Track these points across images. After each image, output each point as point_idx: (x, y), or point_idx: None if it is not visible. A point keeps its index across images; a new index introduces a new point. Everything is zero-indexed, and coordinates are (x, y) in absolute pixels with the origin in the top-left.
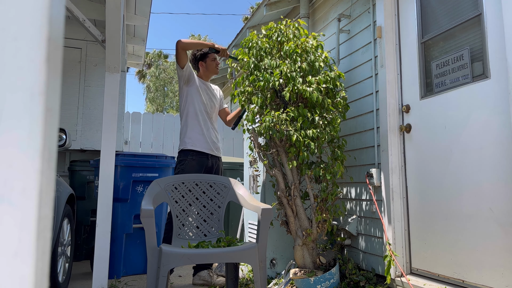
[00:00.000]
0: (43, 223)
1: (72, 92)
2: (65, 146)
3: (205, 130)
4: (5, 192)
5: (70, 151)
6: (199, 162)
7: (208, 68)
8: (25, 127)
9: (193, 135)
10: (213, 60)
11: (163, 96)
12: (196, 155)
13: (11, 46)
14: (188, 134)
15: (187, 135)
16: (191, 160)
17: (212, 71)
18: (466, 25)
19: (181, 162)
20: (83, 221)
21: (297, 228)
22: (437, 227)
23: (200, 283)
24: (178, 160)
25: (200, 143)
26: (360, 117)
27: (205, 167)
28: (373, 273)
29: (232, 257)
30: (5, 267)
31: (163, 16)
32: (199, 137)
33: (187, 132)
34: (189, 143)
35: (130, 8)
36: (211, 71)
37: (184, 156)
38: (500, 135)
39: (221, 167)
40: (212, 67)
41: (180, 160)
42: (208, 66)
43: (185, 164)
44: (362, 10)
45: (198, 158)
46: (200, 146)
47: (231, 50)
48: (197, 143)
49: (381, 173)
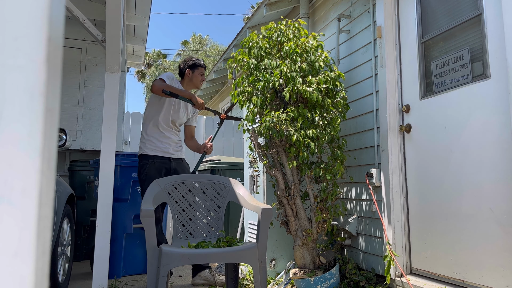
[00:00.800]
0: (43, 223)
1: (72, 92)
2: (65, 146)
3: (165, 137)
4: (5, 192)
5: (70, 151)
6: (160, 165)
7: (193, 80)
8: (25, 127)
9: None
10: (201, 75)
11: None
12: (158, 159)
13: (11, 46)
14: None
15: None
16: (152, 163)
17: (195, 84)
18: (466, 25)
19: (143, 166)
20: (83, 221)
21: (297, 228)
22: (437, 227)
23: (201, 283)
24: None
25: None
26: (360, 117)
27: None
28: (373, 273)
29: (232, 257)
30: (5, 267)
31: (163, 16)
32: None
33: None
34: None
35: (130, 8)
36: (194, 84)
37: (145, 160)
38: (500, 135)
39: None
40: (197, 80)
41: (143, 165)
42: (193, 78)
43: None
44: (362, 10)
45: (159, 161)
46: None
47: (231, 50)
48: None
49: (381, 173)
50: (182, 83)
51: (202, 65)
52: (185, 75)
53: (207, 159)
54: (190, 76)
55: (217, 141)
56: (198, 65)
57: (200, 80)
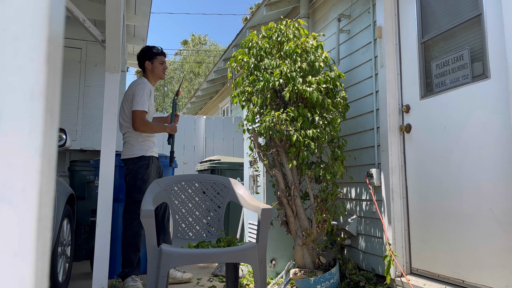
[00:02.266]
0: (43, 223)
1: (72, 92)
2: (65, 146)
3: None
4: (5, 192)
5: (70, 151)
6: (156, 165)
7: (154, 71)
8: (25, 127)
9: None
10: (161, 64)
11: (163, 96)
12: (155, 159)
13: (11, 46)
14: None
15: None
16: (151, 164)
17: (158, 75)
18: (466, 25)
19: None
20: (83, 221)
21: (297, 228)
22: (437, 227)
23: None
24: (140, 164)
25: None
26: (360, 117)
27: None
28: (373, 273)
29: (232, 257)
30: (5, 267)
31: (163, 16)
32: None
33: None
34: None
35: (130, 8)
36: (156, 75)
37: (145, 160)
38: (500, 135)
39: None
40: (159, 71)
41: (142, 165)
42: (154, 69)
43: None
44: (362, 10)
45: (156, 161)
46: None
47: (231, 50)
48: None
49: (381, 173)
50: (146, 77)
51: (160, 52)
52: (146, 68)
53: (207, 159)
54: (150, 68)
55: (217, 141)
56: (155, 53)
57: (162, 70)
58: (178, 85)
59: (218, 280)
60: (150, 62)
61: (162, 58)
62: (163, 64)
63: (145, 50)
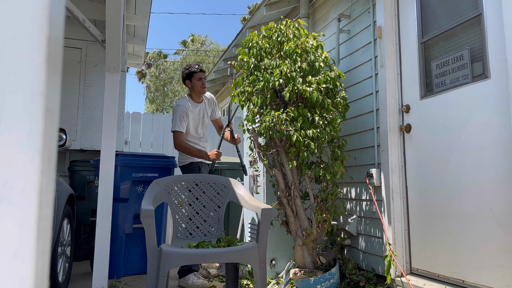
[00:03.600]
0: (43, 223)
1: (72, 92)
2: (65, 146)
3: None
4: (5, 192)
5: (70, 151)
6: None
7: (194, 88)
8: (25, 127)
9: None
10: (199, 80)
11: (163, 96)
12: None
13: (11, 46)
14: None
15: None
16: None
17: (198, 91)
18: (466, 25)
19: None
20: (83, 221)
21: (297, 228)
22: (437, 227)
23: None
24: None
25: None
26: (360, 117)
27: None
28: (373, 273)
29: (232, 257)
30: (5, 267)
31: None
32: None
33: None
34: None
35: (130, 8)
36: (196, 91)
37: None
38: (500, 135)
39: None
40: (198, 86)
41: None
42: (194, 86)
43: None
44: (362, 10)
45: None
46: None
47: (231, 50)
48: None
49: (381, 173)
50: (191, 94)
51: (196, 70)
52: (187, 86)
53: None
54: (190, 86)
55: (217, 141)
56: (192, 72)
57: (200, 85)
58: (232, 114)
59: (218, 280)
60: (189, 81)
61: (199, 75)
62: (200, 80)
63: (184, 70)
